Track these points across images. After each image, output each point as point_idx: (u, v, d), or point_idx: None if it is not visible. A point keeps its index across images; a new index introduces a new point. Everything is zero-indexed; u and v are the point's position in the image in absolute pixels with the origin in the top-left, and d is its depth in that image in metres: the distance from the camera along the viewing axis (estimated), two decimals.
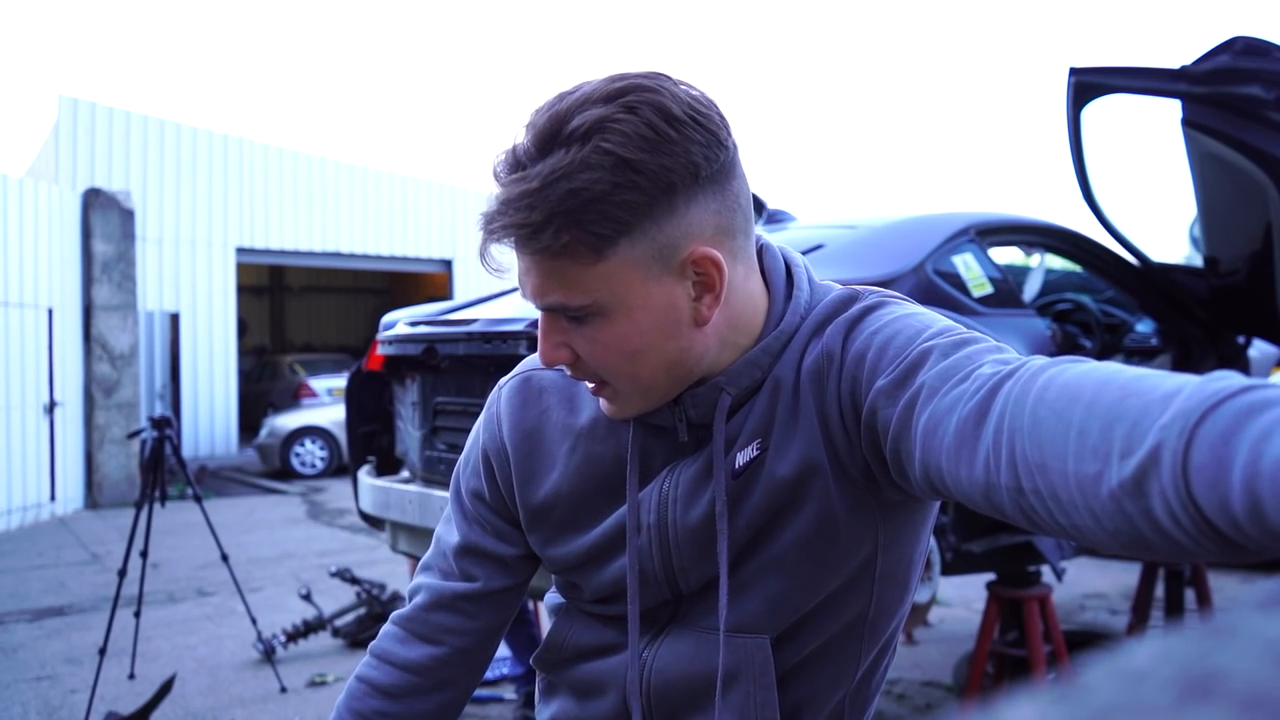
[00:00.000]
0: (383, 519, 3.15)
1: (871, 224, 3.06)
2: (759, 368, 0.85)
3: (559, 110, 0.77)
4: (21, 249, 8.25)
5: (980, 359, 0.72)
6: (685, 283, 0.81)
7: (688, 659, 0.88)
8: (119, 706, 3.59)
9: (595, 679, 0.95)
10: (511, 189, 0.77)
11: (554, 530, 0.95)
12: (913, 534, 0.90)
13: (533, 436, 0.96)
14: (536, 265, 0.79)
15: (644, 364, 0.82)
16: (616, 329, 0.80)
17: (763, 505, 0.84)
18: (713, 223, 0.80)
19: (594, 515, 0.92)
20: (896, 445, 0.75)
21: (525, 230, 0.76)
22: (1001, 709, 0.21)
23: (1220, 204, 3.23)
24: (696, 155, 0.78)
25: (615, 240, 0.77)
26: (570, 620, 0.97)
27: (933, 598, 2.68)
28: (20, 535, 7.65)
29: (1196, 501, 0.51)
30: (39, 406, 8.40)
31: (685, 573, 0.89)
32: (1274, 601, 0.23)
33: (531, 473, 0.95)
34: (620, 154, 0.75)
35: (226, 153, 12.92)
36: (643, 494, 0.89)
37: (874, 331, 0.81)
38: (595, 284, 0.78)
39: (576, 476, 0.93)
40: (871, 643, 0.91)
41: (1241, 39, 2.90)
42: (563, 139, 0.75)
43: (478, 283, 14.26)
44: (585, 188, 0.74)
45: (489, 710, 3.70)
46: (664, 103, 0.77)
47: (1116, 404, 0.58)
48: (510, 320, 2.55)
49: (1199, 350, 3.53)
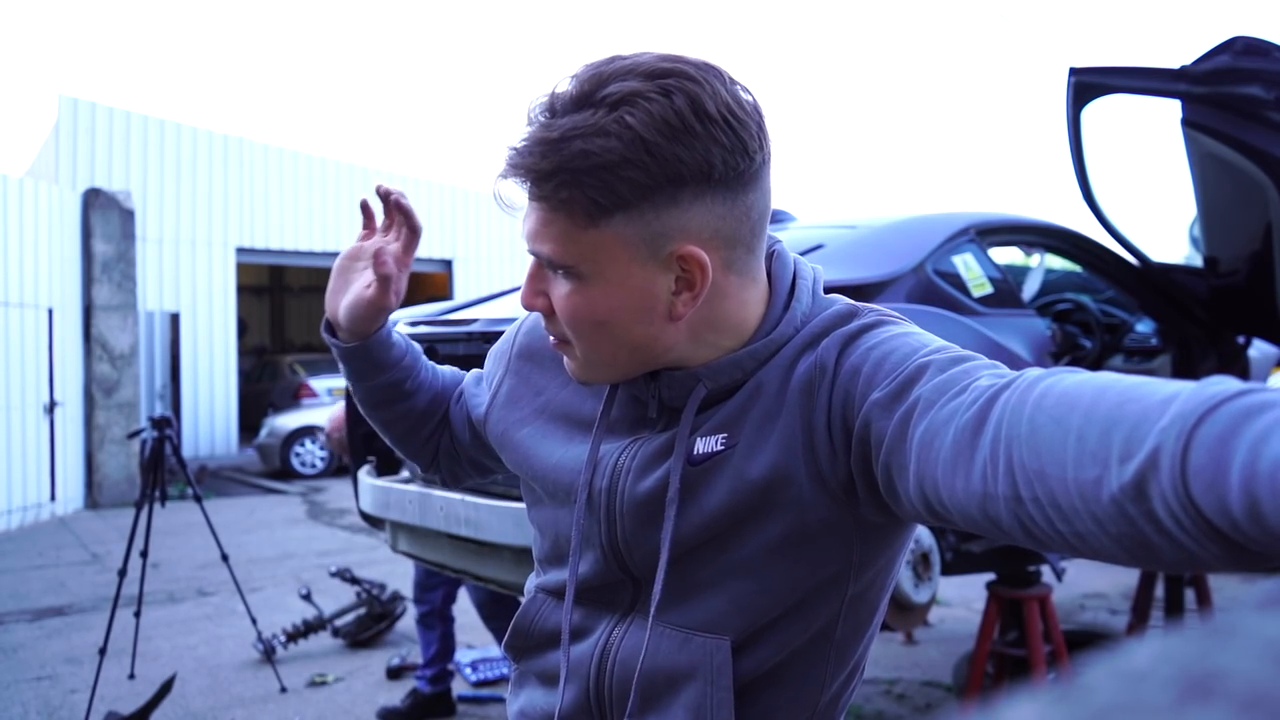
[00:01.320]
0: (383, 519, 3.15)
1: (871, 224, 3.06)
2: (741, 369, 0.85)
3: (602, 72, 0.78)
4: (21, 249, 8.25)
5: (977, 373, 0.72)
6: (668, 275, 0.81)
7: (648, 652, 0.88)
8: (119, 706, 3.59)
9: (559, 666, 0.95)
10: (535, 133, 0.78)
11: (523, 437, 0.99)
12: (888, 558, 0.89)
13: (536, 357, 1.01)
14: (536, 211, 0.81)
15: (607, 338, 0.84)
16: (590, 295, 0.82)
17: (727, 504, 0.84)
18: (712, 226, 0.80)
19: (557, 444, 0.96)
20: (889, 459, 0.75)
21: (533, 175, 0.78)
22: (1001, 709, 0.21)
23: (1220, 204, 3.23)
24: (715, 156, 0.78)
25: (610, 212, 0.78)
26: (538, 604, 0.98)
27: (933, 598, 2.68)
28: (20, 535, 7.66)
29: (1196, 503, 0.51)
30: (39, 406, 8.40)
31: (629, 548, 0.89)
32: (1274, 601, 0.23)
33: (526, 385, 1.01)
34: (640, 131, 0.75)
35: (226, 153, 12.92)
36: (603, 451, 0.91)
37: (870, 347, 0.81)
38: (582, 247, 0.80)
39: (558, 405, 0.98)
40: (839, 665, 0.90)
41: (1241, 39, 2.90)
42: (594, 100, 0.77)
43: (478, 283, 14.27)
44: (596, 152, 0.75)
45: (489, 710, 3.70)
46: (700, 96, 0.77)
47: (1115, 409, 0.58)
48: (510, 320, 2.55)
49: (1199, 350, 3.52)
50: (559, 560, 0.96)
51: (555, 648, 0.96)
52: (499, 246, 15.26)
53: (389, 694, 3.88)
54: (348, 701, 3.82)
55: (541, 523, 0.99)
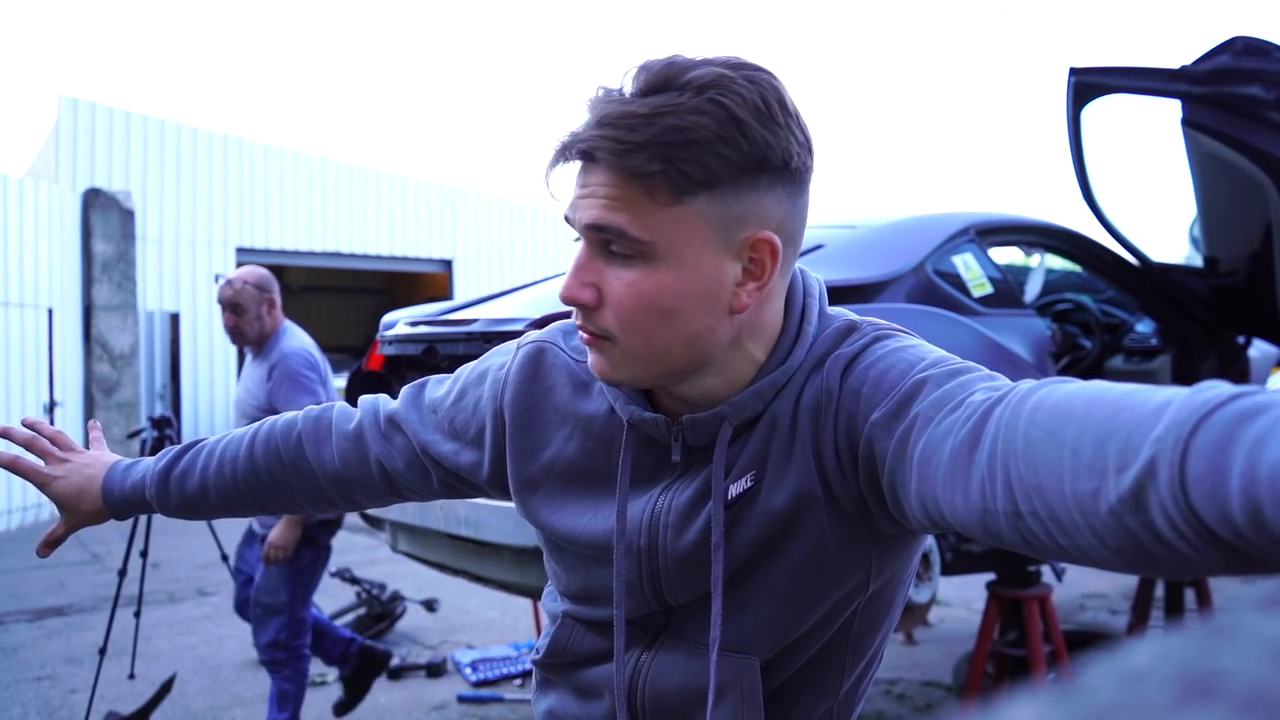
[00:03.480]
0: (383, 519, 3.15)
1: (871, 224, 3.06)
2: (763, 400, 0.85)
3: (677, 63, 0.78)
4: (21, 249, 8.25)
5: (973, 387, 0.72)
6: (737, 264, 0.81)
7: (679, 672, 0.89)
8: (119, 706, 3.59)
9: (594, 682, 0.96)
10: (612, 109, 0.77)
11: (539, 504, 0.96)
12: (905, 559, 0.91)
13: (532, 411, 0.96)
14: (613, 184, 0.78)
15: (666, 327, 0.80)
16: (659, 279, 0.79)
17: (755, 537, 0.84)
18: (780, 218, 0.81)
19: (579, 509, 0.93)
20: (892, 477, 0.75)
21: (621, 147, 0.76)
22: (1001, 709, 0.21)
23: (1220, 204, 3.23)
24: (792, 148, 0.79)
25: (697, 190, 0.77)
26: (571, 630, 0.98)
27: (933, 598, 2.68)
28: (20, 535, 7.65)
29: (1196, 512, 0.51)
30: (39, 406, 8.39)
31: (674, 592, 0.89)
32: (1274, 601, 0.23)
33: (525, 447, 0.96)
34: (733, 111, 0.76)
35: (226, 153, 12.91)
36: (632, 509, 0.89)
37: (868, 366, 0.81)
38: (662, 225, 0.78)
39: (567, 465, 0.94)
40: (857, 656, 0.92)
41: (1241, 39, 2.90)
42: (677, 85, 0.77)
43: (478, 283, 14.27)
44: (690, 128, 0.75)
45: (489, 710, 3.70)
46: (781, 90, 0.79)
47: (1108, 420, 0.57)
48: (510, 320, 2.55)
49: (1199, 350, 3.52)
50: (589, 600, 0.95)
51: (590, 665, 0.96)
52: (499, 246, 15.26)
53: (389, 694, 3.88)
54: None
55: (567, 566, 0.97)
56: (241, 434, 1.13)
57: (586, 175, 0.79)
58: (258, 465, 1.10)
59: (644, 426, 0.88)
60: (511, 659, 4.12)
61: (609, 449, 0.92)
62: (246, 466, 1.10)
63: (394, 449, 1.06)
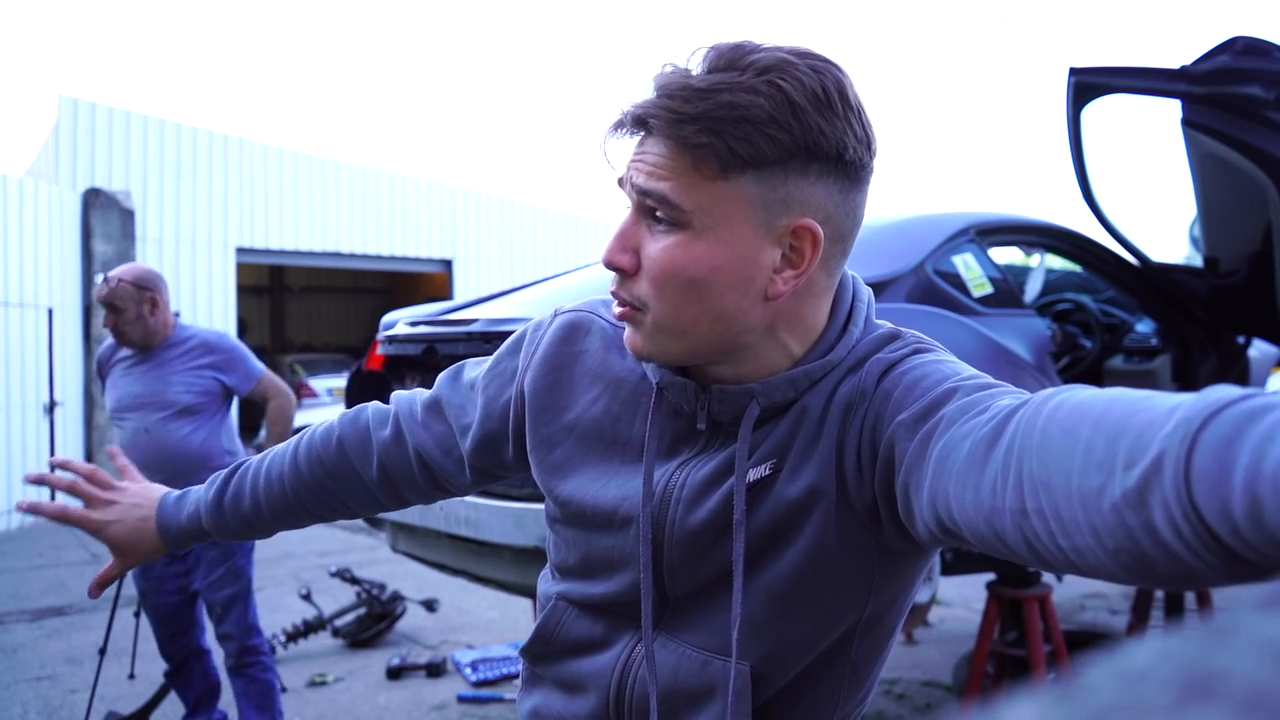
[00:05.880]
0: (383, 519, 3.15)
1: (871, 224, 3.03)
2: (795, 388, 0.85)
3: (744, 45, 0.79)
4: (21, 249, 8.25)
5: (1001, 396, 0.72)
6: (776, 250, 0.81)
7: (669, 674, 0.88)
8: (119, 706, 3.60)
9: (580, 676, 0.95)
10: (674, 80, 0.78)
11: (554, 464, 0.96)
12: (907, 581, 0.90)
13: (560, 371, 0.97)
14: (663, 153, 0.79)
15: (695, 300, 0.81)
16: (694, 250, 0.80)
17: (765, 526, 0.84)
18: (828, 210, 0.81)
19: (593, 474, 0.93)
20: (908, 477, 0.75)
21: (674, 116, 0.77)
22: (1001, 709, 0.21)
23: (1220, 204, 3.23)
24: (849, 141, 0.79)
25: (743, 168, 0.78)
26: (562, 613, 0.97)
27: (933, 598, 2.68)
28: (20, 535, 7.66)
29: (1198, 507, 0.51)
30: (39, 406, 8.40)
31: (673, 572, 0.88)
32: (1274, 601, 0.23)
33: (549, 404, 0.96)
34: (790, 95, 0.76)
35: (226, 153, 12.91)
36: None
37: (904, 372, 0.81)
38: (703, 196, 0.79)
39: (588, 427, 0.94)
40: (853, 686, 0.91)
41: (1241, 39, 2.89)
42: (740, 65, 0.77)
43: (478, 283, 14.27)
44: (744, 105, 0.76)
45: (489, 710, 3.70)
46: (844, 83, 0.79)
47: (1123, 419, 0.58)
48: (510, 320, 2.55)
49: (1199, 350, 3.53)
50: (587, 574, 0.95)
51: (576, 656, 0.95)
52: (499, 246, 15.26)
53: (389, 694, 3.88)
54: (347, 701, 3.82)
55: (568, 538, 0.96)
56: (284, 449, 1.15)
57: (642, 144, 0.81)
58: (304, 476, 1.12)
59: (672, 392, 0.88)
60: (511, 659, 4.12)
61: (634, 414, 0.92)
62: (294, 479, 1.12)
63: (432, 436, 1.08)
